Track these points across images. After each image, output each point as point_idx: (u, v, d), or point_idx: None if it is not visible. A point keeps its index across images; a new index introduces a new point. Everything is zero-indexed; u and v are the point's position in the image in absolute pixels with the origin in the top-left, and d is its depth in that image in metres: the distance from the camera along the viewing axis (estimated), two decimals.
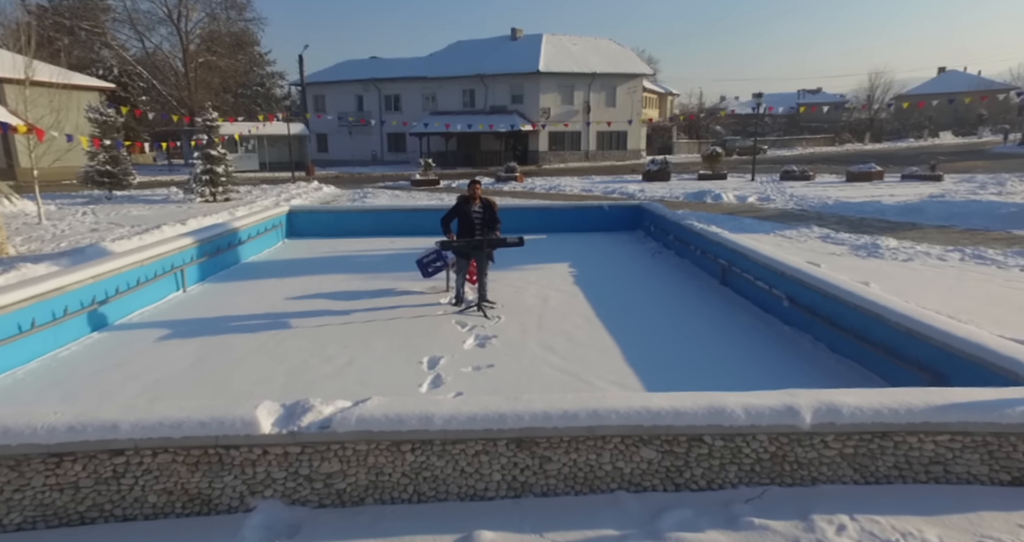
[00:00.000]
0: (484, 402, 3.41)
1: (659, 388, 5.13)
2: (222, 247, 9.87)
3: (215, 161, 17.83)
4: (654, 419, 3.29)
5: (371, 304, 7.83)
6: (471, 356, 6.00)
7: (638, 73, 43.15)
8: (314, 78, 46.27)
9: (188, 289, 8.52)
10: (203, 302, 7.98)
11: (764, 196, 17.83)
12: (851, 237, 11.20)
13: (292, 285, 8.86)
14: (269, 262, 10.76)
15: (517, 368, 5.68)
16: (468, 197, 7.52)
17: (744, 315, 7.25)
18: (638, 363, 5.72)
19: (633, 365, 5.68)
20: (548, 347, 6.23)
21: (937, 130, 60.53)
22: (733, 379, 5.30)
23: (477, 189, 7.51)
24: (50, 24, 45.79)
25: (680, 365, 5.69)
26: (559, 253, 11.04)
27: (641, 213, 13.60)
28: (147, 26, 45.22)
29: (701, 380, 5.30)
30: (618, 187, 22.61)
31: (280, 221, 12.76)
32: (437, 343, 6.36)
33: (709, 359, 5.83)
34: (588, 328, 6.84)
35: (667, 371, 5.53)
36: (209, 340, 6.43)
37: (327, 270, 9.88)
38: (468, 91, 42.99)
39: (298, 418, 3.28)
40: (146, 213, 16.00)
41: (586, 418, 3.30)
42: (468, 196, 7.52)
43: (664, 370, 5.56)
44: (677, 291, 8.47)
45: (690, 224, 10.38)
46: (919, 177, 21.60)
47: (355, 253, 11.48)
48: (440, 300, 8.05)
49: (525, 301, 7.98)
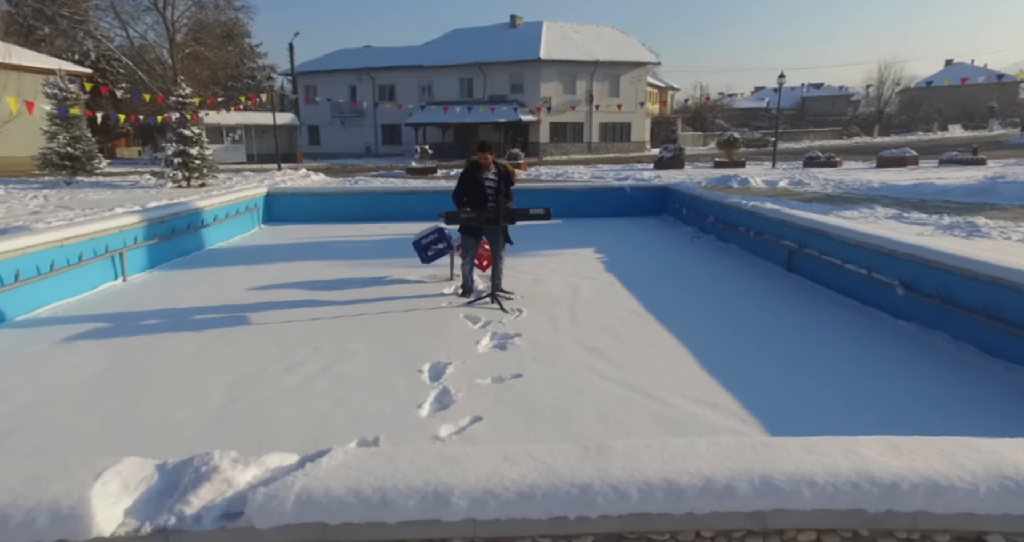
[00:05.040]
0: (542, 455, 1.79)
1: (769, 413, 3.53)
2: (180, 229, 8.21)
3: (189, 142, 16.05)
4: (886, 498, 1.67)
5: (356, 295, 6.20)
6: (489, 362, 4.38)
7: (643, 61, 41.52)
8: (306, 68, 44.50)
9: (129, 277, 6.86)
10: (145, 293, 6.33)
11: (796, 180, 16.22)
12: (928, 217, 9.57)
13: (262, 273, 7.22)
14: (239, 248, 9.11)
15: (555, 379, 4.06)
16: (478, 161, 5.88)
17: (833, 308, 5.64)
18: (723, 374, 4.10)
19: (718, 377, 4.06)
20: (591, 349, 4.61)
21: (946, 123, 59.05)
22: (869, 407, 3.72)
23: (489, 154, 5.85)
24: (31, 12, 43.90)
25: (780, 379, 4.07)
26: (579, 238, 9.42)
27: (668, 195, 12.00)
28: (131, 14, 43.33)
29: (822, 406, 3.70)
30: (631, 174, 20.99)
31: (256, 204, 11.10)
32: (442, 344, 4.74)
33: (813, 371, 4.22)
34: (639, 324, 5.22)
35: (767, 388, 3.92)
36: (133, 341, 4.78)
37: (306, 256, 8.25)
38: (466, 80, 41.27)
39: (180, 499, 1.65)
40: (107, 197, 14.26)
41: (749, 494, 1.67)
42: (477, 161, 5.88)
43: (762, 386, 3.94)
44: (734, 279, 6.86)
45: (736, 202, 8.78)
46: (960, 161, 20.00)
47: (341, 239, 9.84)
48: (444, 290, 6.44)
49: (549, 291, 6.36)
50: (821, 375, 4.06)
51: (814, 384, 3.91)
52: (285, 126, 38.62)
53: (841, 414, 3.49)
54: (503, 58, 39.38)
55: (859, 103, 67.15)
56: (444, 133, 40.35)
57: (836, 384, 3.91)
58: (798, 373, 4.10)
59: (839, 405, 3.61)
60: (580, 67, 39.78)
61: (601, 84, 40.63)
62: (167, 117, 15.68)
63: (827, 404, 3.63)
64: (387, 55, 43.81)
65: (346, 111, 43.18)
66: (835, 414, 3.49)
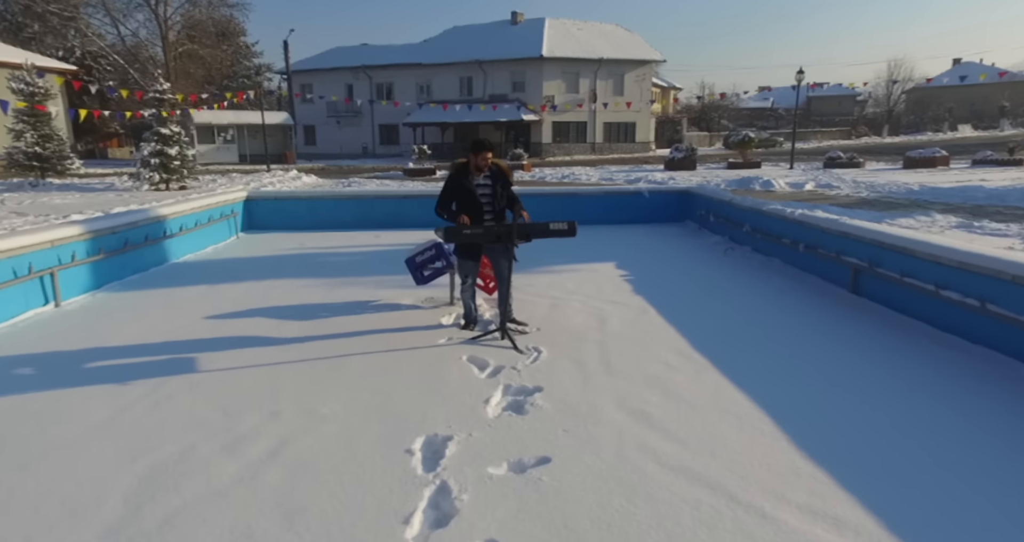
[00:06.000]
0: None
1: (931, 534, 2.38)
2: (135, 241, 7.05)
3: (168, 142, 14.81)
4: None
5: (335, 327, 5.04)
6: (503, 434, 3.23)
7: (648, 59, 40.38)
8: (301, 66, 43.36)
9: (64, 303, 5.70)
10: (75, 325, 5.16)
11: (823, 183, 15.07)
12: (1007, 227, 8.41)
13: (225, 296, 6.07)
14: (208, 262, 7.96)
15: (597, 467, 2.90)
16: (464, 165, 4.72)
17: (941, 352, 4.49)
18: (832, 459, 2.95)
19: (827, 465, 2.90)
20: (639, 413, 3.46)
21: (956, 123, 57.87)
22: None
23: (486, 156, 4.67)
24: (20, 10, 42.71)
25: (924, 470, 2.92)
26: (597, 250, 8.27)
27: (691, 200, 10.84)
28: (122, 11, 42.22)
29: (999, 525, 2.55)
30: (642, 176, 19.81)
31: (234, 210, 9.94)
32: (440, 403, 3.59)
33: (963, 458, 3.07)
34: (690, 371, 4.07)
35: (911, 485, 2.77)
36: (26, 403, 3.62)
37: (283, 273, 7.10)
38: (465, 79, 40.15)
39: None
40: (72, 202, 13.08)
41: None
42: (464, 164, 4.72)
43: (903, 482, 2.79)
44: (790, 303, 5.71)
45: (779, 210, 7.63)
46: (996, 162, 18.79)
47: (328, 250, 8.69)
48: (442, 320, 5.29)
49: (571, 321, 5.21)
50: (980, 468, 2.90)
51: (982, 484, 2.75)
52: (279, 126, 37.49)
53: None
54: (504, 56, 38.26)
55: (866, 103, 65.97)
56: (443, 133, 39.21)
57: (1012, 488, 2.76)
58: (943, 461, 2.94)
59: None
60: (583, 65, 38.65)
61: (605, 82, 39.51)
62: (137, 114, 14.47)
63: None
64: (385, 53, 42.71)
65: (342, 110, 42.08)
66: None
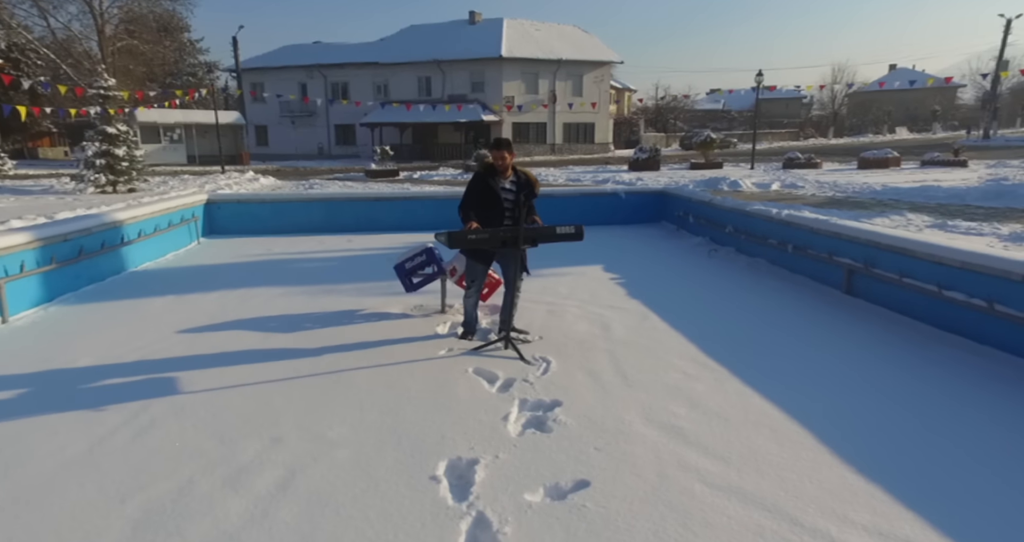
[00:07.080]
0: None
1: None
2: (90, 249, 6.50)
3: (115, 141, 13.90)
4: None
5: (326, 338, 4.70)
6: (532, 455, 3.00)
7: (606, 60, 40.72)
8: (252, 63, 41.91)
9: (11, 318, 5.16)
10: (26, 343, 4.65)
11: (787, 183, 15.39)
12: (980, 225, 8.66)
13: (197, 307, 5.63)
14: (171, 270, 7.43)
15: (640, 489, 2.70)
16: (492, 166, 4.47)
17: (950, 352, 4.49)
18: (888, 475, 2.83)
19: (884, 482, 2.78)
20: (670, 428, 3.28)
21: (894, 126, 60.69)
22: None
23: (507, 154, 4.42)
24: None
25: (974, 471, 2.84)
26: (581, 253, 8.07)
27: (667, 201, 10.84)
28: (52, 2, 39.81)
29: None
30: (609, 176, 19.87)
31: (194, 213, 9.36)
32: (456, 422, 3.33)
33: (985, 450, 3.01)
34: (712, 381, 3.93)
35: (967, 488, 2.67)
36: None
37: (256, 281, 6.67)
38: (424, 79, 39.61)
39: None
40: (7, 206, 12.13)
41: None
42: (491, 165, 4.47)
43: (956, 485, 2.69)
44: (789, 307, 5.67)
45: (764, 210, 7.64)
46: (942, 163, 19.67)
47: (299, 256, 8.26)
48: (437, 328, 5.01)
49: (572, 328, 5.02)
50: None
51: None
52: (230, 125, 36.13)
53: None
54: (463, 56, 37.92)
55: (811, 105, 68.41)
56: (402, 134, 38.58)
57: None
58: (995, 468, 2.86)
59: None
60: (543, 66, 38.68)
61: (564, 83, 39.64)
62: (82, 112, 13.51)
63: None
64: (339, 51, 41.73)
65: (296, 110, 40.91)
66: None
